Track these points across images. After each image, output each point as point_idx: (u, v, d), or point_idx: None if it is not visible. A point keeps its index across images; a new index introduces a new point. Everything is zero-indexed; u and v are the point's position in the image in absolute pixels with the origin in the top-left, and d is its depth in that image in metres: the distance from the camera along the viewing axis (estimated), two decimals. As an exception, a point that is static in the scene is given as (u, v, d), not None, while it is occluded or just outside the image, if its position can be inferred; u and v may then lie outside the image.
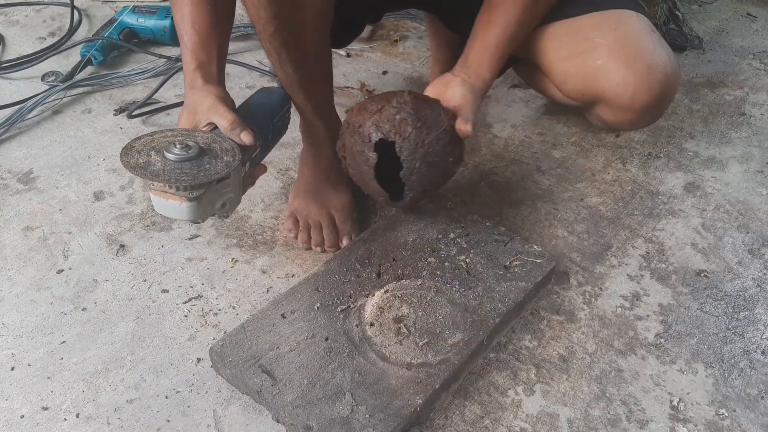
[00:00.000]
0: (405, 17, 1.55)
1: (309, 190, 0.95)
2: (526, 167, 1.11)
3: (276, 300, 0.80)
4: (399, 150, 0.78)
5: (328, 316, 0.77)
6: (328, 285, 0.82)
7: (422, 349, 0.73)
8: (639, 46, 0.85)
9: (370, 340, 0.75)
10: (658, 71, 0.84)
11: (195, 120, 0.76)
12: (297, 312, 0.78)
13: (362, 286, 0.82)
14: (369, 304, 0.79)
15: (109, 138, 1.17)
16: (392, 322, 0.76)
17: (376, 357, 0.73)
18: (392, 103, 0.79)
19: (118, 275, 0.91)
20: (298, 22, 0.74)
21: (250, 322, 0.77)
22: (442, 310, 0.78)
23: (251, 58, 1.40)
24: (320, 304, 0.79)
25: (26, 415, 0.73)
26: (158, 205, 0.70)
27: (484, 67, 0.85)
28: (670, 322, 0.85)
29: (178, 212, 0.69)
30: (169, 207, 0.69)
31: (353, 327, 0.76)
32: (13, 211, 1.01)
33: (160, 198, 0.69)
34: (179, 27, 0.81)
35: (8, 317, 0.85)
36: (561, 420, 0.73)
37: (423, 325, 0.76)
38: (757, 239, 0.97)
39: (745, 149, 1.15)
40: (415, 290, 0.81)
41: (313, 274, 0.84)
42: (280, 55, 0.77)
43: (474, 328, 0.76)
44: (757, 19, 1.59)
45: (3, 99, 1.24)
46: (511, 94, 1.29)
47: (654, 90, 0.84)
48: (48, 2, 1.59)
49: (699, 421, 0.73)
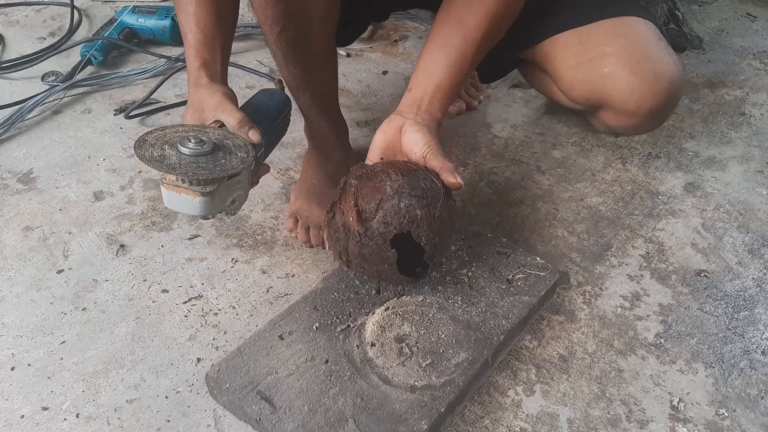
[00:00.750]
0: (405, 17, 1.55)
1: (312, 192, 0.95)
2: (526, 167, 1.11)
3: (273, 320, 0.77)
4: (417, 237, 0.73)
5: (327, 337, 0.75)
6: (326, 303, 0.79)
7: (425, 370, 0.71)
8: (646, 54, 0.85)
9: (371, 361, 0.72)
10: (664, 79, 0.85)
11: (201, 117, 0.75)
12: (295, 333, 0.75)
13: (362, 303, 0.79)
14: (369, 322, 0.76)
15: (109, 138, 1.17)
16: (394, 341, 0.73)
17: (379, 380, 0.70)
18: (386, 191, 0.72)
19: (118, 275, 0.91)
20: (305, 22, 0.74)
21: (247, 345, 0.74)
22: (444, 328, 0.75)
23: (251, 58, 1.40)
24: (319, 324, 0.76)
25: (26, 415, 0.73)
26: (169, 200, 0.69)
27: (436, 108, 0.78)
28: (670, 322, 0.85)
29: (190, 207, 0.68)
30: (180, 201, 0.68)
31: (354, 348, 0.73)
32: (13, 211, 1.01)
33: (172, 192, 0.68)
34: (183, 25, 0.81)
35: (8, 317, 0.85)
36: (561, 420, 0.73)
37: (425, 344, 0.73)
38: (757, 239, 0.97)
39: (745, 149, 1.15)
40: (416, 307, 0.78)
41: (311, 291, 0.81)
42: (287, 55, 0.77)
43: (478, 346, 0.74)
44: (757, 19, 1.59)
45: (3, 99, 1.24)
46: (511, 94, 1.29)
47: (660, 97, 0.85)
48: (48, 2, 1.59)
49: (699, 421, 0.73)
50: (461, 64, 0.78)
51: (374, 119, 1.22)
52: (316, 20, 0.74)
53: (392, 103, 1.26)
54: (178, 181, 0.67)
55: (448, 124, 1.20)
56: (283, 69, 0.81)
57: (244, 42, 1.45)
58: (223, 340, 0.82)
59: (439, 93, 0.78)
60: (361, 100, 1.27)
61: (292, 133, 0.90)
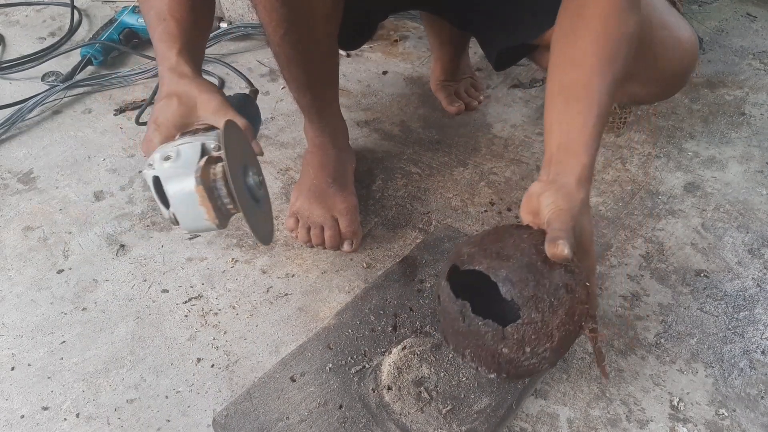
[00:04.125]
0: (405, 17, 1.55)
1: (312, 192, 0.95)
2: (526, 167, 1.11)
3: (284, 360, 0.73)
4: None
5: (341, 379, 0.70)
6: (340, 341, 0.75)
7: (446, 417, 0.66)
8: (665, 21, 0.85)
9: (388, 407, 0.67)
10: (686, 43, 0.85)
11: (190, 115, 0.66)
12: (307, 374, 0.71)
13: (377, 342, 0.74)
14: (386, 363, 0.72)
15: (109, 138, 1.17)
16: (412, 385, 0.69)
17: (396, 428, 0.66)
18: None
19: (118, 275, 0.91)
20: (309, 24, 0.74)
21: (256, 388, 0.70)
22: (465, 370, 0.71)
23: (251, 58, 1.40)
24: (332, 365, 0.72)
25: (26, 415, 0.73)
26: (190, 212, 0.58)
27: (576, 149, 0.62)
28: (670, 322, 0.85)
29: (205, 226, 0.59)
30: (202, 219, 0.58)
31: (369, 392, 0.69)
32: (13, 211, 1.01)
33: (202, 209, 0.57)
34: (151, 15, 0.71)
35: (8, 317, 0.85)
36: (561, 420, 0.73)
37: (445, 388, 0.69)
38: (757, 239, 0.97)
39: (745, 149, 1.15)
40: (435, 346, 0.73)
41: (324, 328, 0.76)
42: (290, 57, 0.77)
43: (501, 390, 0.69)
44: (757, 19, 1.59)
45: (3, 99, 1.24)
46: (511, 94, 1.29)
47: (684, 62, 0.86)
48: (48, 2, 1.59)
49: (699, 421, 0.73)
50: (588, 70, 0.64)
51: (374, 119, 1.22)
52: (319, 21, 0.74)
53: (392, 103, 1.26)
54: (219, 204, 0.57)
55: (448, 124, 1.20)
56: (286, 71, 0.81)
57: (244, 42, 1.45)
58: (223, 340, 0.82)
59: (574, 127, 0.63)
60: (361, 100, 1.27)
61: (292, 133, 0.90)
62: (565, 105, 0.64)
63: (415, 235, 0.97)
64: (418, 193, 1.05)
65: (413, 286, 0.83)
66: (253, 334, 0.83)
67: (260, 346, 0.81)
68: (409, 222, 0.99)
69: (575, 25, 0.67)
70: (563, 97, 0.65)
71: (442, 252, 0.87)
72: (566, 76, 0.66)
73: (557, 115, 0.65)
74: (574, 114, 0.63)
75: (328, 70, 0.85)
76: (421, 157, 1.12)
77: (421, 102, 1.26)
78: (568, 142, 0.62)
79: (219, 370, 0.79)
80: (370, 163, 1.11)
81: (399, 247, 0.95)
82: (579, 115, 0.63)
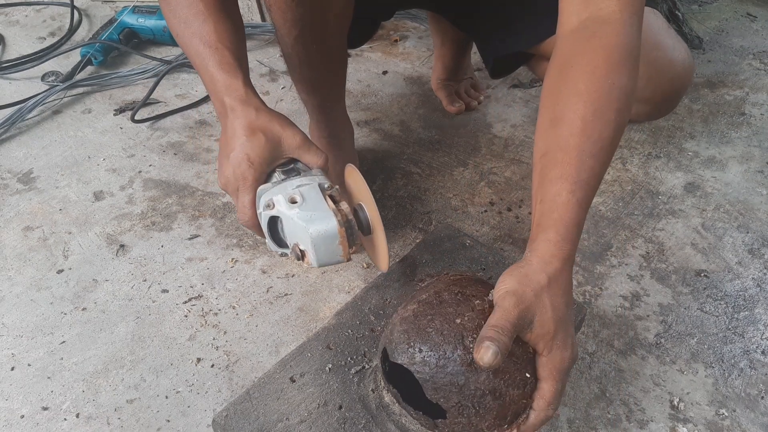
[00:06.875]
0: (405, 17, 1.55)
1: None
2: (526, 167, 1.11)
3: (284, 360, 0.72)
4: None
5: (341, 380, 0.70)
6: (340, 342, 0.74)
7: None
8: (658, 42, 0.85)
9: (388, 407, 0.66)
10: (678, 65, 0.85)
11: (277, 150, 0.66)
12: (307, 375, 0.71)
13: (377, 341, 0.74)
14: None
15: (109, 138, 1.17)
16: None
17: (396, 428, 0.65)
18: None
19: (118, 275, 0.91)
20: (322, 24, 0.74)
21: (256, 388, 0.69)
22: None
23: (251, 58, 1.40)
24: (332, 365, 0.72)
25: (26, 415, 0.73)
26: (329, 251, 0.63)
27: (546, 224, 0.57)
28: (670, 322, 0.85)
29: (336, 261, 0.66)
30: (337, 256, 0.64)
31: (369, 392, 0.68)
32: (13, 211, 1.01)
33: (340, 248, 0.63)
34: (195, 42, 0.69)
35: (8, 317, 0.85)
36: (561, 420, 0.73)
37: None
38: (757, 239, 0.97)
39: (745, 149, 1.15)
40: None
41: (323, 328, 0.76)
42: (302, 57, 0.77)
43: None
44: (757, 19, 1.59)
45: (3, 99, 1.24)
46: (511, 94, 1.29)
47: (674, 83, 0.86)
48: (48, 2, 1.59)
49: (699, 421, 0.73)
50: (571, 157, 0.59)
51: (374, 119, 1.22)
52: (332, 20, 0.74)
53: (392, 103, 1.26)
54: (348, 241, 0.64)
55: (448, 124, 1.20)
56: (296, 72, 0.81)
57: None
58: (223, 340, 0.82)
59: (538, 223, 0.59)
60: (361, 100, 1.27)
61: (292, 133, 0.91)
62: (543, 172, 0.59)
63: (415, 235, 0.97)
64: (418, 193, 1.05)
65: (413, 286, 0.83)
66: (253, 334, 0.83)
67: (260, 346, 0.82)
68: (409, 222, 0.99)
69: (559, 82, 0.61)
70: (542, 164, 0.60)
71: (442, 252, 0.87)
72: (546, 139, 0.61)
73: (536, 184, 0.60)
74: (550, 181, 0.58)
75: (337, 69, 0.86)
76: (421, 157, 1.12)
77: (421, 102, 1.26)
78: (542, 215, 0.58)
79: (219, 371, 0.79)
80: (370, 163, 1.11)
81: (399, 247, 0.95)
82: (553, 183, 0.57)
